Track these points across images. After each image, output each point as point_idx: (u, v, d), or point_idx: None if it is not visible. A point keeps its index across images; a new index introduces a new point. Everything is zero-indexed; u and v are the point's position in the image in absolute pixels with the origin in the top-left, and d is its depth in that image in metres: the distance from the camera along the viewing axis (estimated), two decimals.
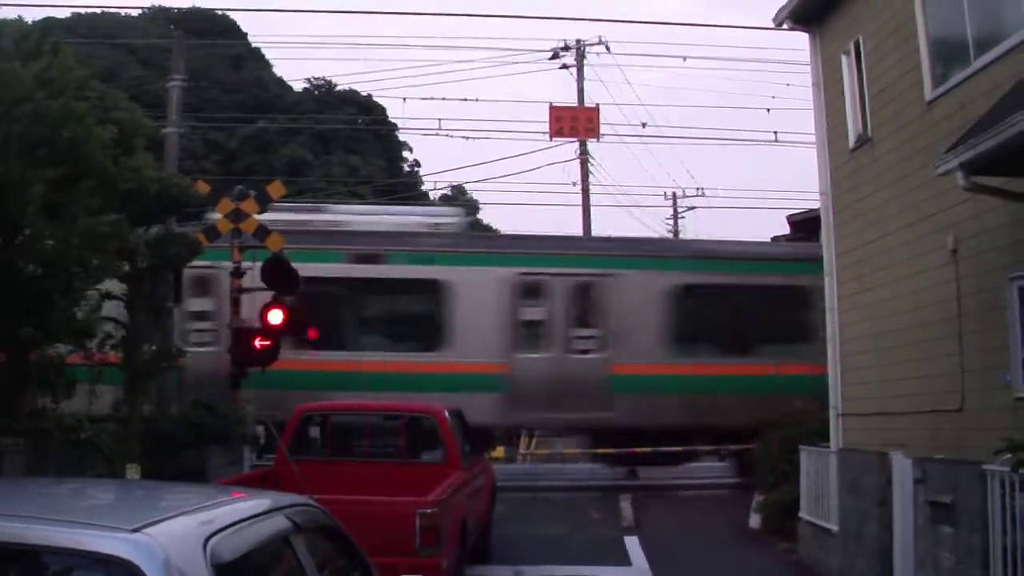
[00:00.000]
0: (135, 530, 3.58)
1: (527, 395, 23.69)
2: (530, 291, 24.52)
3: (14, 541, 3.51)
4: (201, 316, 23.28)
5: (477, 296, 24.02)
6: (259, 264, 18.11)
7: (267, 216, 19.86)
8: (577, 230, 36.17)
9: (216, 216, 18.98)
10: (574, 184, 37.03)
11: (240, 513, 4.33)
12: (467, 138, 37.94)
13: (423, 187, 62.14)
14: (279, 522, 4.56)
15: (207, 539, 3.79)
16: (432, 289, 24.35)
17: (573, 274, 24.63)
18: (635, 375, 23.80)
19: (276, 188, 19.64)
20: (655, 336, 24.34)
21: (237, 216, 18.53)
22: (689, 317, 24.55)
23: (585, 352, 24.26)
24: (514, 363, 23.93)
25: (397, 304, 25.85)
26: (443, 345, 24.18)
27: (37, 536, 3.53)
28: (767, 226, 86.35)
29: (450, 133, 38.58)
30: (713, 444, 25.31)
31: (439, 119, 52.31)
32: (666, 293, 24.47)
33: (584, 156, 36.51)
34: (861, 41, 15.60)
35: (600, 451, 25.48)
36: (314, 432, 15.91)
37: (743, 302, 24.69)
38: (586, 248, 27.17)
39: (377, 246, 24.39)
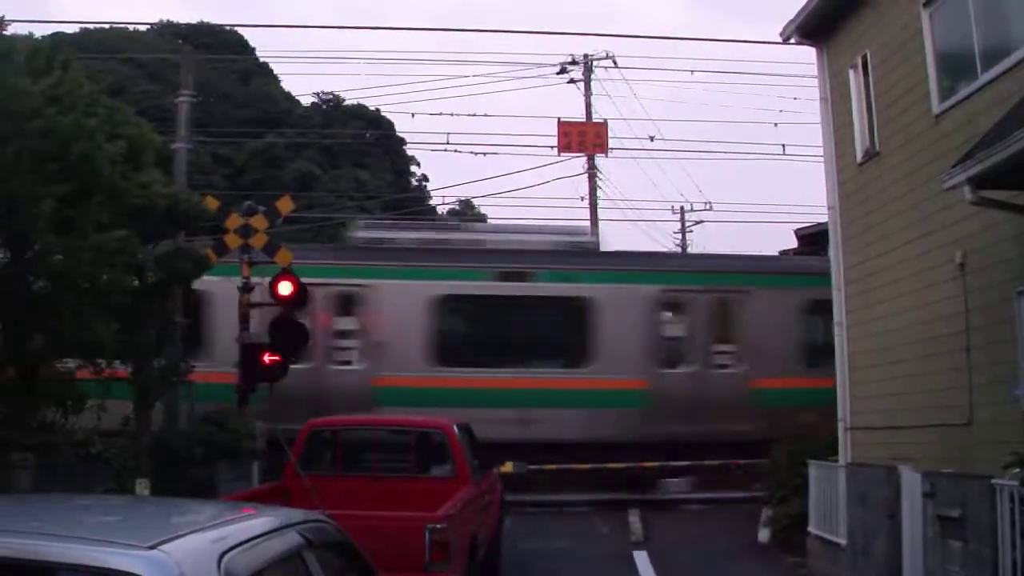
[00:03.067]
0: (151, 547, 3.61)
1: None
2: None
3: (33, 558, 3.55)
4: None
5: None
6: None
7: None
8: None
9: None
10: (582, 198, 37.05)
11: (254, 530, 4.36)
12: (475, 153, 37.95)
13: (431, 202, 62.20)
14: (292, 538, 4.58)
15: (221, 556, 3.82)
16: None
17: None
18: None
19: (285, 203, 19.65)
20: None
21: (246, 231, 18.52)
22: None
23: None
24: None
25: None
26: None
27: (55, 553, 3.57)
28: (775, 240, 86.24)
29: (458, 148, 38.60)
30: None
31: (447, 133, 52.25)
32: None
33: (592, 170, 36.52)
34: (868, 55, 15.63)
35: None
36: (323, 447, 15.90)
37: None
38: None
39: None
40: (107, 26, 56.38)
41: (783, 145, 60.70)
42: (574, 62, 36.84)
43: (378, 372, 23.30)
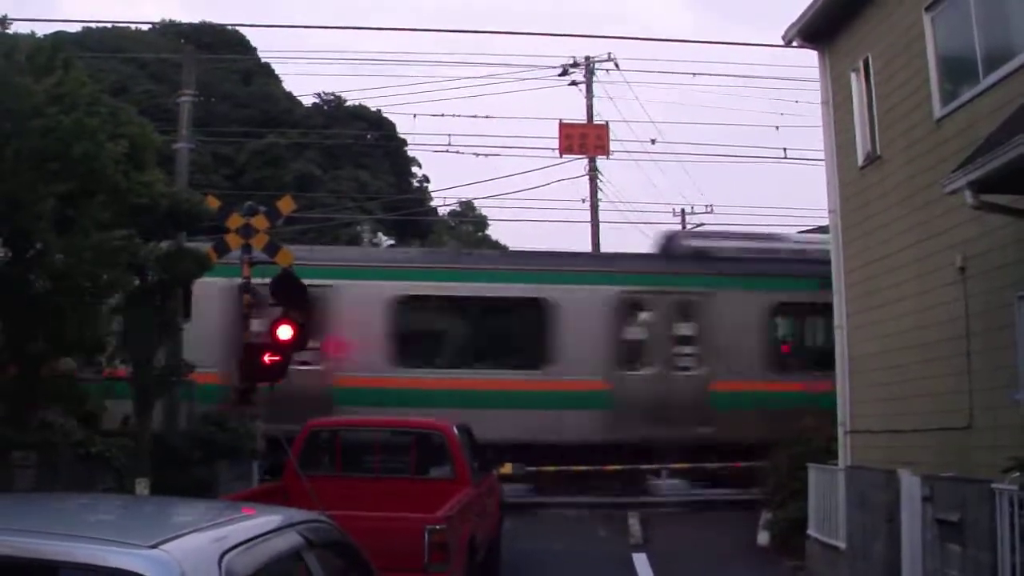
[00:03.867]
0: (152, 546, 3.62)
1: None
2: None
3: (34, 556, 3.56)
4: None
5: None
6: None
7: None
8: (585, 246, 36.23)
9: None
10: (583, 200, 37.08)
11: (254, 529, 4.37)
12: (477, 154, 37.87)
13: (432, 203, 62.18)
14: (292, 538, 4.59)
15: (222, 555, 3.82)
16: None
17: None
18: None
19: (286, 203, 19.65)
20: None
21: (247, 231, 18.52)
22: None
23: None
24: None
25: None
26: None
27: (56, 552, 3.58)
28: None
29: (460, 149, 38.59)
30: None
31: (449, 135, 52.27)
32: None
33: (593, 173, 36.53)
34: (870, 59, 15.64)
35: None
36: (323, 447, 15.91)
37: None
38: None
39: None
40: (109, 25, 56.43)
41: (784, 148, 60.58)
42: (576, 64, 36.86)
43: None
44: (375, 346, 23.88)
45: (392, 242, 50.99)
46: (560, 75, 36.96)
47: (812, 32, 17.03)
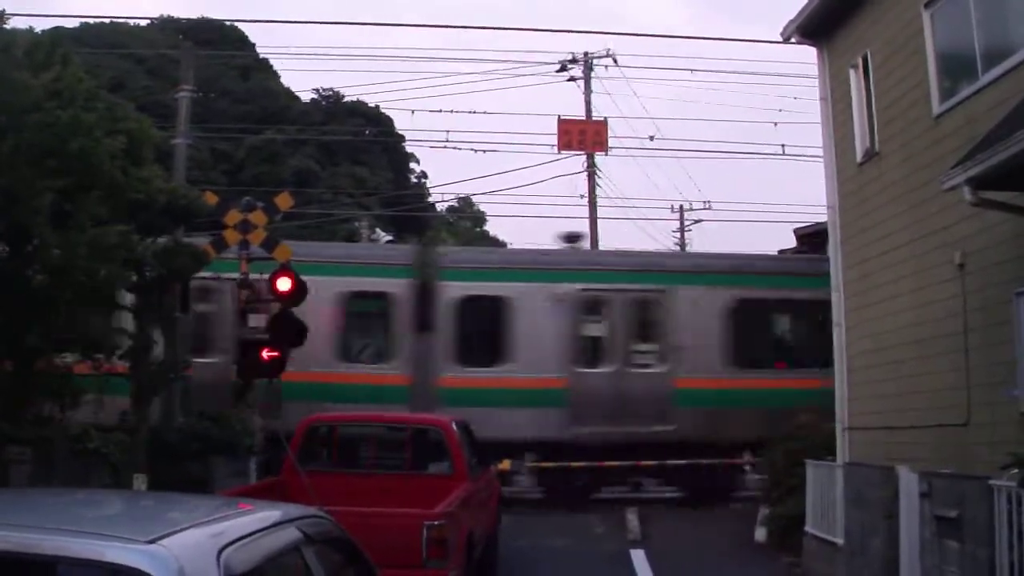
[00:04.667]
0: (150, 541, 3.61)
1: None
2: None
3: (31, 552, 3.54)
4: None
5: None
6: None
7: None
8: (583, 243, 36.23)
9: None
10: (581, 196, 37.08)
11: (252, 525, 4.35)
12: (475, 150, 37.85)
13: (430, 199, 62.17)
14: (290, 533, 4.58)
15: (220, 550, 3.81)
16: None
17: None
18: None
19: (284, 199, 19.60)
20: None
21: (245, 227, 18.47)
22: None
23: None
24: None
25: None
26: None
27: (54, 547, 3.56)
28: (774, 240, 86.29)
29: (458, 145, 38.52)
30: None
31: (447, 131, 52.18)
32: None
33: (591, 169, 36.53)
34: (869, 55, 15.63)
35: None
36: (322, 443, 15.90)
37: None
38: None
39: None
40: (107, 21, 56.44)
41: (783, 145, 60.79)
42: (574, 60, 36.87)
43: None
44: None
45: (390, 238, 50.92)
46: (559, 71, 36.99)
47: (811, 28, 17.02)
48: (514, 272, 24.74)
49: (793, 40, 17.57)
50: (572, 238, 29.22)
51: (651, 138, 60.54)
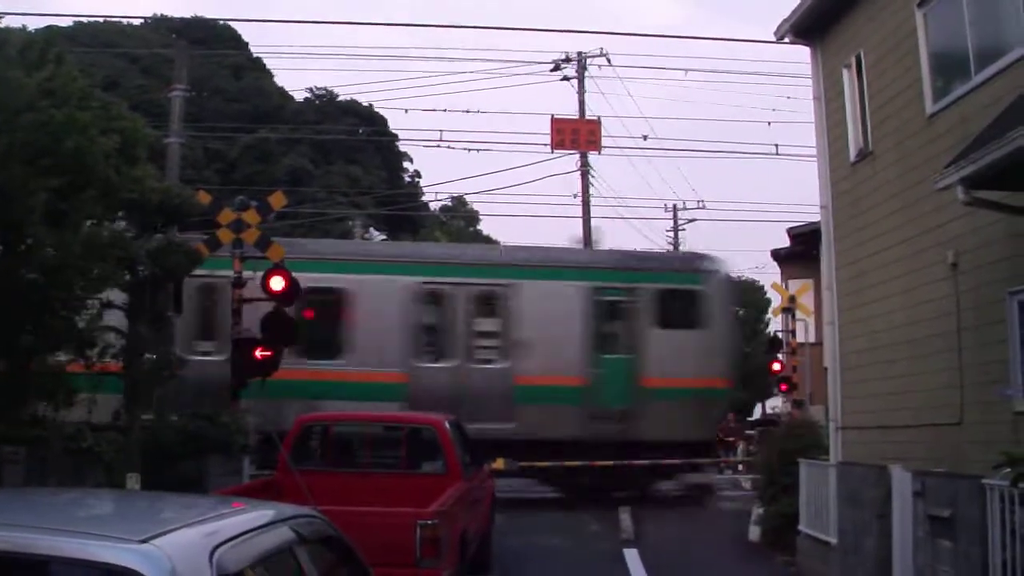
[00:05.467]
0: (143, 541, 3.61)
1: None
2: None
3: (24, 551, 3.54)
4: None
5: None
6: None
7: None
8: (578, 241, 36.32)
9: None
10: (575, 196, 37.12)
11: (246, 524, 4.35)
12: (469, 149, 37.88)
13: (424, 198, 62.18)
14: (284, 533, 4.58)
15: (213, 550, 3.81)
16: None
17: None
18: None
19: (277, 199, 19.61)
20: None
21: (238, 226, 18.46)
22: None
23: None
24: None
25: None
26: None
27: (47, 546, 3.56)
28: (767, 239, 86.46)
29: (451, 144, 38.54)
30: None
31: (440, 130, 52.19)
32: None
33: (585, 168, 36.55)
34: (862, 55, 15.63)
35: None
36: (314, 442, 15.90)
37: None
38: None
39: None
40: (101, 20, 56.54)
41: (776, 144, 60.80)
42: (568, 59, 36.91)
43: None
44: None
45: (384, 237, 50.95)
46: (552, 70, 37.05)
47: (804, 28, 17.01)
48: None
49: (786, 40, 17.55)
50: None
51: (645, 137, 60.69)
